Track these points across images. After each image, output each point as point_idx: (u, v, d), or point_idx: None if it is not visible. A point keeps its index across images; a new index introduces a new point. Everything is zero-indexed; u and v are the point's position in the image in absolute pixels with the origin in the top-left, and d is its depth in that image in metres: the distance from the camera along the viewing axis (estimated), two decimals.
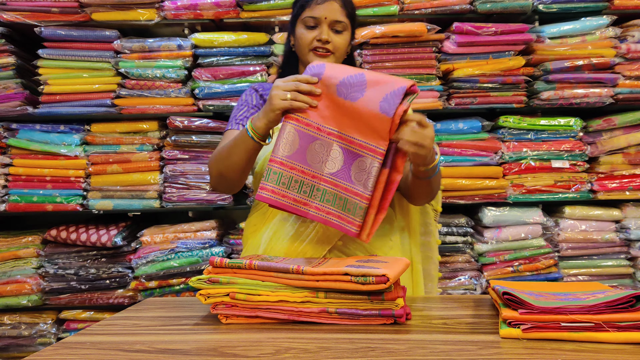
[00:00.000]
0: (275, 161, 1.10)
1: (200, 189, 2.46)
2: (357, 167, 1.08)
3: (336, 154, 1.09)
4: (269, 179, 1.10)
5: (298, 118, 1.10)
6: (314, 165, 1.10)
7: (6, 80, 2.45)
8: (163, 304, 1.18)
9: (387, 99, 1.05)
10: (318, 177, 1.10)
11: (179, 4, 2.41)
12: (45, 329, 2.45)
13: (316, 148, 1.10)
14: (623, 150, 2.45)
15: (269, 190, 1.10)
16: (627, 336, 0.80)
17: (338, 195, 1.09)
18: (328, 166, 1.10)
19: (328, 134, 1.10)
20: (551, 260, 2.43)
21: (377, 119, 1.05)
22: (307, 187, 1.10)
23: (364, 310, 0.95)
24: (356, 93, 1.07)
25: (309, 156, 1.10)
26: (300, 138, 1.10)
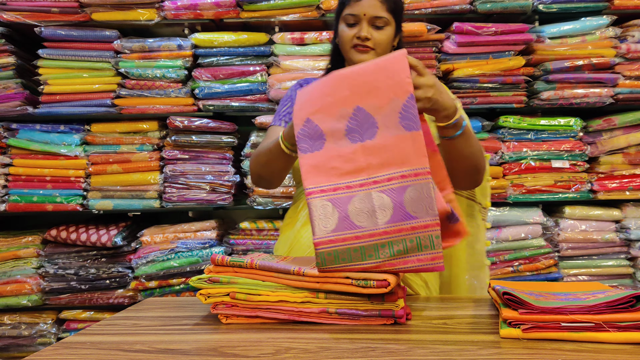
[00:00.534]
0: (323, 242, 0.97)
1: (200, 189, 2.46)
2: (411, 199, 0.95)
3: (380, 201, 0.96)
4: (325, 262, 0.96)
5: (322, 189, 0.99)
6: (365, 225, 0.96)
7: (6, 80, 2.45)
8: (163, 304, 1.18)
9: (404, 115, 0.96)
10: (374, 233, 0.96)
11: (179, 4, 2.41)
12: (45, 329, 2.45)
13: (357, 206, 0.97)
14: (623, 150, 2.45)
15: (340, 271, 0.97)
16: (627, 336, 0.80)
17: (407, 240, 0.95)
18: (379, 217, 0.96)
19: (360, 186, 0.98)
20: (551, 260, 2.43)
21: (407, 140, 0.95)
22: (371, 250, 0.96)
23: (364, 311, 0.95)
24: (370, 129, 0.98)
25: (355, 218, 0.97)
26: (335, 206, 0.98)
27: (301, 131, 1.02)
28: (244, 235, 2.50)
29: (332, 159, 1.00)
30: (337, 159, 1.00)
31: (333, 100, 1.01)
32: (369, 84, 0.99)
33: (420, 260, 0.95)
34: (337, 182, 0.99)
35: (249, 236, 2.50)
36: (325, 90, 1.02)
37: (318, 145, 1.01)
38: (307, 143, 1.02)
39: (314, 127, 1.01)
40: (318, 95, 1.03)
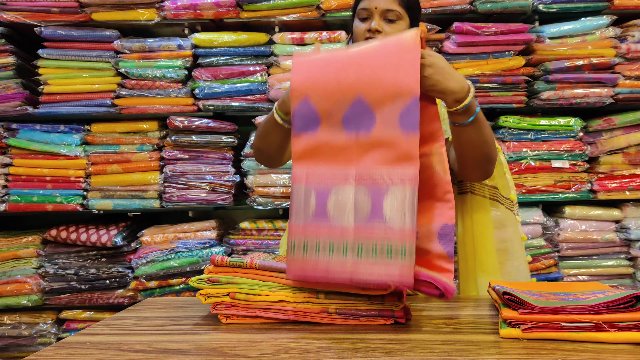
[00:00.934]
0: (296, 229, 0.96)
1: (200, 189, 2.46)
2: (390, 204, 0.90)
3: (361, 197, 0.93)
4: (295, 251, 0.95)
5: (307, 172, 0.97)
6: (339, 219, 0.93)
7: (6, 80, 2.45)
8: (163, 304, 1.18)
9: (405, 116, 0.91)
10: (346, 231, 0.93)
11: (179, 4, 2.41)
12: (45, 329, 2.45)
13: (336, 199, 0.94)
14: (623, 150, 2.45)
15: (297, 268, 0.95)
16: (627, 336, 0.80)
17: (378, 245, 0.90)
18: (356, 214, 0.92)
19: (345, 177, 0.94)
20: (551, 260, 2.43)
21: (402, 141, 0.91)
22: (340, 247, 0.93)
23: (364, 311, 0.95)
24: (366, 123, 0.94)
25: (331, 211, 0.94)
26: (316, 193, 0.96)
27: (298, 109, 0.99)
28: (244, 235, 2.50)
29: (323, 145, 0.97)
30: (328, 146, 0.97)
31: (336, 84, 0.97)
32: (375, 74, 0.94)
33: (387, 268, 0.89)
34: (324, 169, 0.97)
35: (249, 236, 2.50)
36: (330, 70, 0.98)
37: (312, 128, 0.98)
38: (302, 122, 0.99)
39: (310, 108, 0.98)
40: (321, 74, 0.98)
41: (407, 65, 0.92)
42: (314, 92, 0.98)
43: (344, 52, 0.98)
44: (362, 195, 0.93)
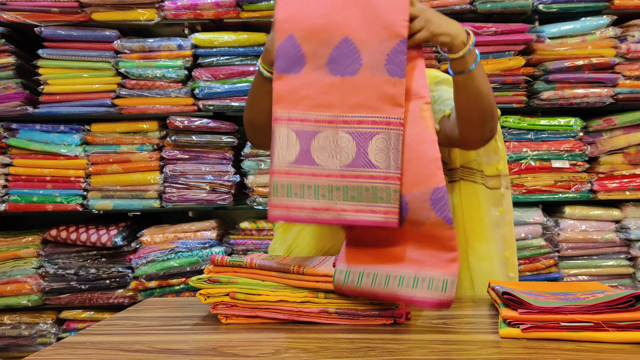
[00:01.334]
0: (279, 172, 0.95)
1: (200, 189, 2.46)
2: (376, 147, 0.91)
3: (345, 142, 0.92)
4: (277, 193, 0.94)
5: (289, 117, 0.95)
6: (324, 163, 0.93)
7: (6, 80, 2.45)
8: (163, 304, 1.18)
9: (392, 59, 0.91)
10: (332, 174, 0.93)
11: (179, 4, 2.41)
12: (45, 329, 2.45)
13: (320, 143, 0.93)
14: (623, 150, 2.45)
15: (281, 207, 0.94)
16: (626, 336, 0.80)
17: (363, 187, 0.91)
18: (340, 158, 0.93)
19: (329, 122, 0.93)
20: (551, 260, 2.43)
21: (388, 84, 0.91)
22: (325, 190, 0.93)
23: (364, 311, 0.95)
24: (352, 65, 0.93)
25: (315, 154, 0.93)
26: (298, 138, 0.94)
27: (281, 46, 0.95)
28: (244, 235, 2.51)
29: (307, 86, 0.94)
30: (312, 87, 0.94)
31: (323, 22, 0.94)
32: (364, 14, 0.93)
33: (373, 213, 0.91)
34: (307, 112, 0.94)
35: (249, 236, 2.50)
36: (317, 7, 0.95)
37: (296, 68, 0.95)
38: (285, 62, 0.96)
39: (295, 47, 0.95)
40: (308, 10, 0.95)
41: (397, 8, 0.92)
42: (300, 29, 0.95)
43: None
44: (346, 140, 0.93)
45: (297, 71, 0.95)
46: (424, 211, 0.91)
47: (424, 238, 0.93)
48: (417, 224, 0.92)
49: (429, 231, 0.92)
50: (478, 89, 1.04)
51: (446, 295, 0.89)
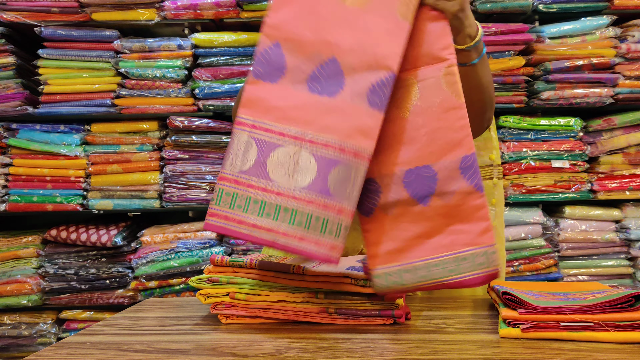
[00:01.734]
0: (227, 179, 0.88)
1: (200, 189, 2.46)
2: (337, 177, 0.84)
3: (306, 163, 0.86)
4: (220, 201, 0.87)
5: (254, 124, 0.89)
6: (278, 180, 0.86)
7: (6, 80, 2.45)
8: (163, 304, 1.18)
9: (375, 90, 0.86)
10: (284, 194, 0.86)
11: (179, 3, 2.41)
12: (45, 329, 2.46)
13: (279, 158, 0.86)
14: (623, 150, 2.45)
15: (220, 217, 0.87)
16: (626, 336, 0.80)
17: (313, 215, 0.85)
18: (297, 179, 0.86)
19: (294, 138, 0.87)
20: (551, 260, 2.43)
21: (366, 115, 0.86)
22: (272, 208, 0.86)
23: (364, 311, 0.95)
24: (333, 87, 0.88)
25: (271, 169, 0.86)
26: (257, 147, 0.88)
27: (265, 52, 0.91)
28: None
29: (280, 98, 0.89)
30: (285, 100, 0.89)
31: (314, 38, 0.90)
32: (356, 38, 0.88)
33: (318, 245, 0.84)
34: (274, 123, 0.88)
35: None
36: (312, 20, 0.90)
37: (273, 77, 0.90)
38: (264, 68, 0.91)
39: (279, 55, 0.90)
40: (301, 21, 0.91)
41: (392, 38, 0.88)
42: (287, 39, 0.91)
43: (333, 3, 0.91)
44: (308, 161, 0.86)
45: (274, 81, 0.90)
46: (453, 180, 0.87)
47: (453, 212, 0.87)
48: (446, 196, 0.87)
49: (459, 202, 0.87)
50: (479, 81, 1.03)
51: (491, 267, 0.85)
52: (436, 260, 0.87)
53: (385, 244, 0.89)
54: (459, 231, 0.87)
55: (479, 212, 0.87)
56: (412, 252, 0.88)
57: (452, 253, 0.87)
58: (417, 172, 0.88)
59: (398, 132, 0.89)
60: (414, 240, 0.88)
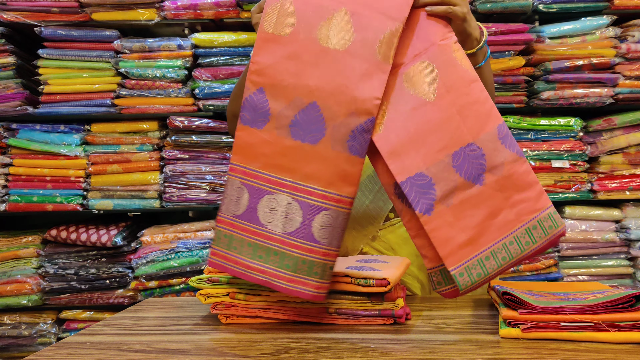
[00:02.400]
0: (224, 222, 0.95)
1: (200, 189, 2.46)
2: (322, 223, 0.89)
3: (292, 210, 0.90)
4: (220, 242, 0.95)
5: (244, 170, 0.94)
6: (267, 225, 0.91)
7: (6, 80, 2.45)
8: (163, 304, 1.18)
9: (355, 136, 0.89)
10: (273, 238, 0.91)
11: (179, 3, 2.41)
12: (45, 329, 2.45)
13: (268, 204, 0.92)
14: (623, 150, 2.45)
15: (220, 256, 0.95)
16: (626, 336, 0.80)
17: (300, 259, 0.90)
18: (285, 224, 0.91)
19: (280, 185, 0.91)
20: (551, 260, 2.43)
21: (346, 161, 0.89)
22: (263, 251, 0.91)
23: (364, 311, 0.95)
24: (315, 133, 0.90)
25: (261, 214, 0.92)
26: (249, 193, 0.93)
27: (250, 98, 0.94)
28: None
29: (266, 144, 0.92)
30: (271, 146, 0.92)
31: (295, 82, 0.92)
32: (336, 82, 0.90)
33: (305, 285, 0.89)
34: (262, 170, 0.93)
35: None
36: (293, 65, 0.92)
37: (259, 123, 0.93)
38: (250, 114, 0.94)
39: (263, 101, 0.93)
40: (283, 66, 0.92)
41: (371, 83, 0.89)
42: (270, 85, 0.93)
43: (314, 46, 0.92)
44: (294, 208, 0.90)
45: (260, 126, 0.93)
46: (498, 152, 0.87)
47: (508, 183, 0.87)
48: (497, 169, 0.87)
49: (509, 172, 0.87)
50: (487, 81, 1.05)
51: (560, 227, 0.86)
52: (510, 237, 0.86)
53: (456, 237, 0.87)
54: (520, 201, 0.87)
55: (529, 177, 0.87)
56: (485, 236, 0.87)
57: (522, 225, 0.86)
58: (464, 152, 0.87)
59: (431, 117, 0.88)
60: (482, 224, 0.87)
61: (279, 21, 0.93)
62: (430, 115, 0.88)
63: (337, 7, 0.92)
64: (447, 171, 0.87)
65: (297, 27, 0.93)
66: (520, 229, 0.86)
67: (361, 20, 0.91)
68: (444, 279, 0.91)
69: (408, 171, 0.87)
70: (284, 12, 0.93)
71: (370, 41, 0.90)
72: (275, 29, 0.93)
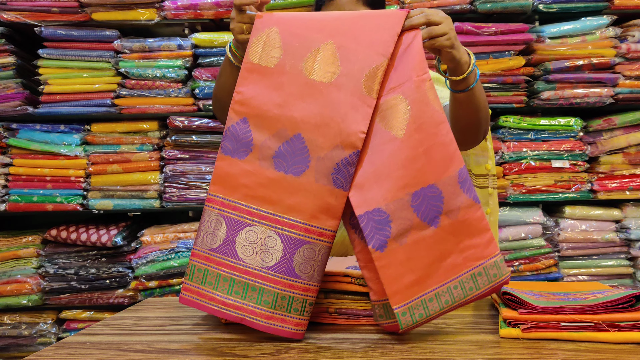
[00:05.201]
0: (199, 255, 0.91)
1: (200, 189, 2.46)
2: (303, 257, 0.87)
3: (273, 243, 0.88)
4: (193, 277, 0.91)
5: (223, 201, 0.90)
6: (246, 259, 0.88)
7: (6, 80, 2.45)
8: (163, 304, 1.18)
9: (340, 170, 0.88)
10: (252, 273, 0.88)
11: (179, 3, 2.41)
12: (45, 329, 2.45)
13: (247, 237, 0.89)
14: (623, 150, 2.45)
15: (194, 292, 0.91)
16: (626, 336, 0.80)
17: (280, 294, 0.87)
18: (264, 258, 0.88)
19: (261, 217, 0.89)
20: (551, 260, 2.43)
21: (330, 195, 0.88)
22: (240, 287, 0.88)
23: (364, 311, 0.95)
24: (298, 165, 0.89)
25: (239, 247, 0.89)
26: (227, 225, 0.90)
27: (233, 127, 0.92)
28: None
29: (247, 174, 0.90)
30: (252, 177, 0.90)
31: (279, 113, 0.90)
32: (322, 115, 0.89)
33: (284, 322, 0.87)
34: (241, 202, 0.90)
35: None
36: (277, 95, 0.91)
37: (241, 153, 0.91)
38: (231, 144, 0.92)
39: (246, 131, 0.91)
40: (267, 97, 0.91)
41: (357, 116, 0.88)
42: (254, 115, 0.92)
43: (300, 78, 0.91)
44: (275, 241, 0.88)
45: (242, 157, 0.91)
46: (457, 196, 0.87)
47: (461, 228, 0.87)
48: (453, 213, 0.87)
49: (464, 217, 0.87)
50: (477, 102, 1.05)
51: (504, 275, 0.86)
52: (455, 281, 0.86)
53: (405, 277, 0.86)
54: (469, 246, 0.87)
55: (481, 224, 0.87)
56: (432, 278, 0.86)
57: (468, 270, 0.86)
58: (424, 193, 0.86)
59: (397, 154, 0.87)
60: (431, 266, 0.86)
61: (265, 52, 0.92)
62: (397, 152, 0.88)
63: (323, 40, 0.91)
64: (405, 210, 0.86)
65: (283, 59, 0.92)
66: (466, 274, 0.86)
67: (347, 54, 0.90)
68: (385, 313, 0.90)
69: (367, 205, 0.87)
70: (270, 42, 0.92)
71: (356, 75, 0.90)
72: (261, 59, 0.92)
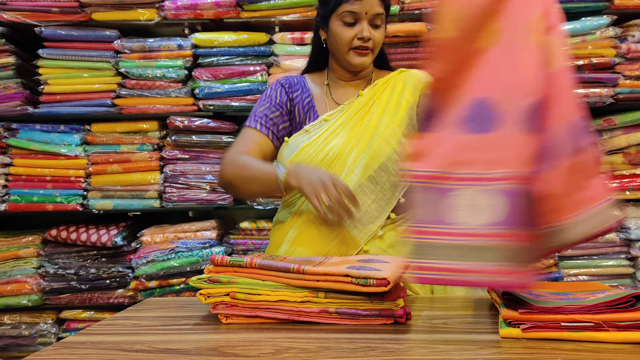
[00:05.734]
0: (417, 231, 0.91)
1: (200, 189, 2.46)
2: (510, 206, 0.87)
3: (481, 200, 0.88)
4: (423, 254, 0.89)
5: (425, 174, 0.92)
6: (459, 222, 0.89)
7: (6, 80, 2.45)
8: (163, 304, 1.18)
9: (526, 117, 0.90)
10: (467, 233, 0.88)
11: (179, 3, 2.41)
12: (45, 329, 2.46)
13: (456, 201, 0.89)
14: (623, 150, 2.45)
15: (427, 269, 0.89)
16: (626, 336, 0.80)
17: (509, 248, 0.86)
18: (475, 217, 0.88)
19: (464, 180, 0.90)
20: (551, 260, 2.43)
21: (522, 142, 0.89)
22: (460, 250, 0.88)
23: (364, 310, 0.95)
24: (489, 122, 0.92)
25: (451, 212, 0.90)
26: (436, 195, 0.91)
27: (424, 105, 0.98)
28: (244, 235, 2.50)
29: (443, 144, 0.93)
30: (448, 145, 0.92)
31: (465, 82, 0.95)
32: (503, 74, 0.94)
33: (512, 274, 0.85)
34: (443, 170, 0.91)
35: (249, 236, 2.50)
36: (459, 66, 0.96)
37: (434, 127, 0.95)
38: (425, 121, 0.96)
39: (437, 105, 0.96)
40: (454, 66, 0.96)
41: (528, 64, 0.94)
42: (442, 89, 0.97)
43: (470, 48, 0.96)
44: (483, 199, 0.88)
45: (436, 129, 0.95)
46: (588, 132, 0.92)
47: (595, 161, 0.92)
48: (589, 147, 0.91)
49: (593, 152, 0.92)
50: None
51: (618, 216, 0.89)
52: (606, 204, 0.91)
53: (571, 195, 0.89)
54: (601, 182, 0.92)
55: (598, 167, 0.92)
56: (595, 196, 0.90)
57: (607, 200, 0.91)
58: (574, 123, 0.92)
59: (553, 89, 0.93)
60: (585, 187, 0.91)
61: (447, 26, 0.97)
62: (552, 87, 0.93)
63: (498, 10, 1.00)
64: (567, 135, 0.91)
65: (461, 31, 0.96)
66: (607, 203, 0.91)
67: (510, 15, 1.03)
68: None
69: None
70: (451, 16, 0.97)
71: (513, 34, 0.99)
72: (446, 33, 0.97)
